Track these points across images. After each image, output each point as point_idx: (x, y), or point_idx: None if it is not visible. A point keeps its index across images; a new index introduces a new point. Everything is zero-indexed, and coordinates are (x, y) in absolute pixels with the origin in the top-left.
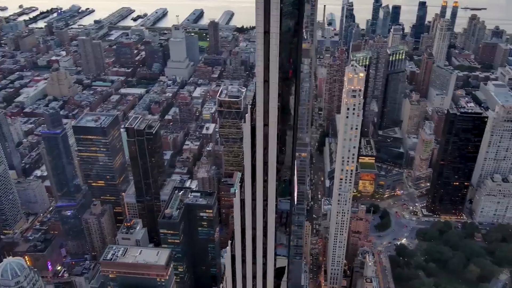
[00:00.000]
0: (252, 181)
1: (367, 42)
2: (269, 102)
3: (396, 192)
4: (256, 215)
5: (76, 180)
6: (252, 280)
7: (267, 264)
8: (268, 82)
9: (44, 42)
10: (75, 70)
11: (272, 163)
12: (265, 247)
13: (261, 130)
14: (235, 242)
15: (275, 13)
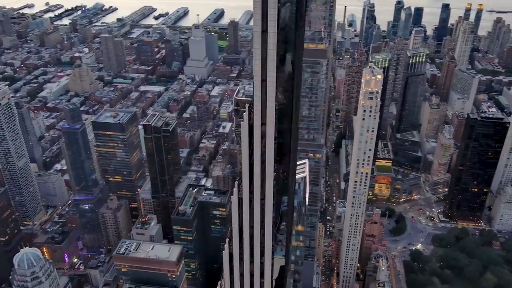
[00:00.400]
0: (250, 180)
1: (387, 44)
2: (267, 102)
3: (412, 196)
4: (254, 213)
5: (94, 174)
6: (250, 279)
7: (264, 263)
8: (265, 81)
9: (68, 39)
10: (97, 66)
11: (269, 162)
12: (262, 246)
13: (258, 129)
14: (233, 240)
15: (273, 12)
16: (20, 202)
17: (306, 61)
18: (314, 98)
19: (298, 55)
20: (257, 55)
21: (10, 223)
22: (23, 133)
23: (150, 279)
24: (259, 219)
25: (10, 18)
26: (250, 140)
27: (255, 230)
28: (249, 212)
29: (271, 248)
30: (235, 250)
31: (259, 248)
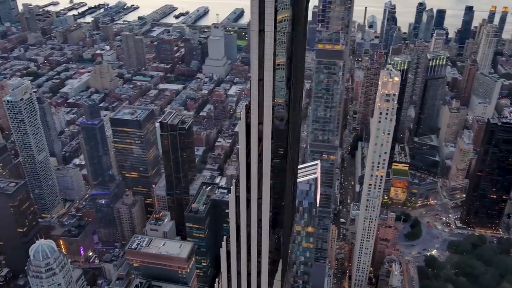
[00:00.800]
0: (247, 179)
1: (407, 46)
2: (264, 101)
3: (429, 201)
4: (251, 212)
5: (111, 170)
6: (247, 277)
7: (261, 262)
8: (262, 80)
9: (90, 36)
10: (117, 64)
11: (266, 162)
12: (259, 245)
13: (255, 128)
14: (230, 238)
15: (270, 11)
16: (39, 195)
17: (322, 62)
18: (329, 99)
19: (299, 55)
20: (254, 54)
21: (28, 215)
22: (44, 128)
23: (161, 275)
24: (256, 218)
25: (35, 15)
26: (247, 139)
27: (252, 229)
28: (246, 210)
29: (268, 247)
30: (233, 249)
31: (256, 247)
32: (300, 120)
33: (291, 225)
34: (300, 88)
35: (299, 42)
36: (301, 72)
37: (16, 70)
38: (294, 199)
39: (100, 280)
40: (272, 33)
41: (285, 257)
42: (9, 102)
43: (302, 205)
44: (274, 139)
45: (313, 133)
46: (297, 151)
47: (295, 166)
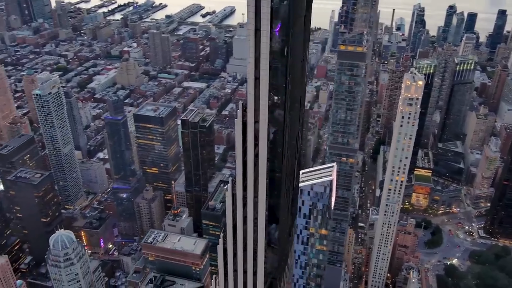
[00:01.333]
0: (243, 178)
1: (435, 50)
2: (260, 100)
3: (451, 209)
4: (247, 211)
5: (132, 165)
6: (243, 276)
7: (257, 261)
8: (259, 79)
9: (119, 34)
10: (144, 61)
11: (262, 161)
12: (255, 244)
13: (252, 127)
14: (227, 236)
15: (266, 11)
16: (63, 187)
17: (344, 63)
18: (350, 102)
19: (296, 54)
20: (250, 53)
21: (52, 206)
22: (70, 122)
23: (175, 270)
24: (252, 216)
25: (67, 12)
26: (243, 138)
27: (249, 227)
28: (243, 209)
29: (264, 246)
30: (229, 246)
31: (252, 245)
32: (302, 121)
33: (290, 226)
34: (300, 88)
35: (298, 42)
36: (301, 72)
37: (47, 65)
38: (294, 200)
39: (118, 273)
40: (268, 33)
41: (282, 257)
42: (37, 96)
43: (316, 207)
44: (270, 139)
45: (333, 135)
46: (296, 151)
47: (296, 167)
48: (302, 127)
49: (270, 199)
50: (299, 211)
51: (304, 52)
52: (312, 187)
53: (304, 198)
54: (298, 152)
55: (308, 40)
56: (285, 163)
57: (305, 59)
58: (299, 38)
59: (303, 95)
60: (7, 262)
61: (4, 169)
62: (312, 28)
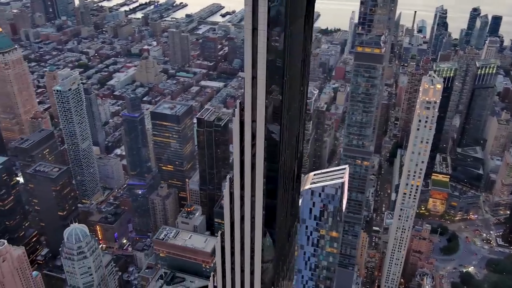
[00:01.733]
0: (240, 176)
1: (457, 53)
2: (257, 99)
3: (469, 216)
4: (244, 209)
5: (148, 162)
6: (241, 274)
7: (254, 260)
8: (256, 78)
9: (139, 32)
10: (163, 60)
11: (259, 160)
12: (252, 243)
13: (249, 126)
14: (225, 234)
15: (263, 10)
16: (81, 182)
17: (361, 65)
18: (366, 104)
19: (295, 54)
20: (247, 52)
21: (69, 200)
22: (89, 118)
23: (185, 267)
24: (249, 215)
25: (89, 10)
26: (241, 137)
27: (246, 226)
28: (240, 208)
29: (261, 245)
30: (227, 245)
31: (249, 244)
32: (303, 121)
33: (289, 227)
34: (300, 89)
35: (296, 42)
36: (301, 72)
37: (68, 61)
38: (294, 201)
39: (131, 268)
40: (265, 32)
41: (281, 257)
42: (58, 92)
43: (327, 209)
44: (267, 138)
45: (348, 137)
46: (297, 152)
47: (296, 167)
48: (303, 127)
49: (267, 199)
50: (310, 213)
51: (304, 52)
52: (323, 188)
53: (315, 200)
54: (299, 152)
55: (310, 40)
56: (283, 163)
57: (306, 59)
58: (298, 38)
59: (304, 95)
60: (23, 253)
61: (24, 163)
62: (332, 29)
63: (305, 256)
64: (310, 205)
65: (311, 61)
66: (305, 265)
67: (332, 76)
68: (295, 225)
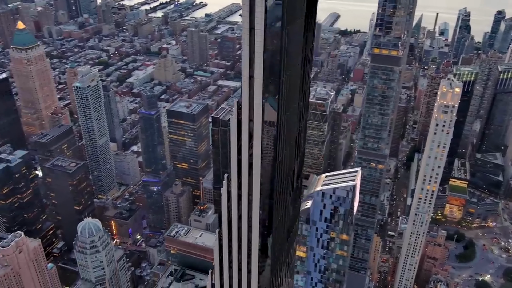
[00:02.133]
0: (238, 175)
1: (479, 57)
2: (254, 98)
3: (487, 223)
4: (242, 209)
5: (164, 159)
6: (238, 273)
7: (251, 258)
8: (253, 78)
9: (159, 31)
10: (181, 58)
11: (256, 160)
12: (250, 242)
13: (246, 126)
14: (222, 232)
15: (260, 10)
16: (97, 177)
17: (378, 67)
18: (382, 106)
19: (293, 54)
20: (245, 51)
21: (85, 194)
22: (108, 115)
23: (195, 265)
24: (246, 214)
25: (111, 8)
26: (238, 136)
27: (243, 225)
28: (237, 207)
29: (258, 245)
30: (224, 243)
31: (247, 243)
32: (304, 122)
33: (288, 226)
34: (300, 89)
35: (296, 42)
36: (301, 73)
37: (89, 58)
38: (295, 201)
39: (144, 263)
40: (262, 32)
41: (279, 257)
42: (77, 88)
43: (337, 212)
44: (264, 138)
45: (363, 140)
46: (297, 152)
47: (296, 168)
48: (304, 128)
49: (264, 198)
50: (320, 214)
51: (305, 52)
52: (334, 191)
53: (326, 202)
54: (300, 152)
55: (311, 41)
56: (280, 163)
57: (307, 59)
58: (297, 38)
59: (305, 96)
60: (39, 245)
61: (43, 157)
62: (351, 30)
63: (315, 258)
64: (320, 207)
65: (329, 62)
66: (315, 267)
67: (350, 77)
68: (295, 225)
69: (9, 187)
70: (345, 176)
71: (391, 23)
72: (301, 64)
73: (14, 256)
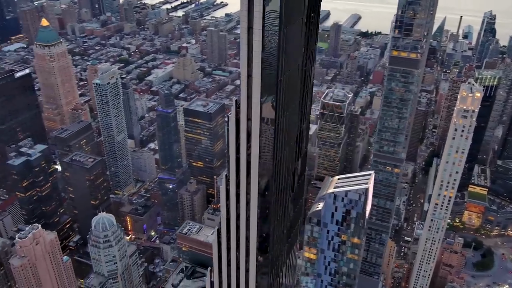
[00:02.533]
0: (236, 174)
1: (504, 61)
2: (252, 98)
3: (507, 231)
4: (240, 207)
5: (179, 157)
6: (236, 271)
7: (249, 256)
8: (251, 77)
9: (179, 30)
10: (200, 58)
11: (254, 158)
12: (248, 240)
13: (244, 125)
14: (221, 230)
15: (258, 10)
16: (114, 173)
17: (396, 70)
18: (400, 109)
19: (293, 55)
20: (243, 51)
21: (102, 190)
22: (126, 112)
23: (206, 262)
24: (244, 214)
25: (133, 7)
26: (237, 134)
27: (241, 223)
28: (236, 205)
29: (256, 243)
30: (223, 241)
31: (245, 242)
32: (305, 123)
33: (288, 226)
34: (300, 89)
35: (295, 41)
36: (301, 73)
37: (110, 56)
38: (296, 201)
39: (157, 260)
40: (260, 31)
41: (278, 256)
42: (97, 85)
43: (349, 215)
44: (262, 137)
45: (379, 143)
46: (298, 153)
47: (296, 169)
48: (306, 129)
49: (262, 197)
50: (332, 217)
51: (306, 52)
52: (346, 193)
53: (337, 204)
54: (301, 153)
55: (314, 41)
56: (278, 162)
57: (308, 59)
58: (296, 37)
59: (307, 96)
60: (56, 238)
61: (62, 152)
62: (372, 32)
63: (325, 261)
64: (332, 209)
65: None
66: (325, 270)
67: (370, 80)
68: (296, 225)
69: (29, 180)
70: (358, 179)
71: (411, 25)
72: (302, 64)
73: (31, 247)
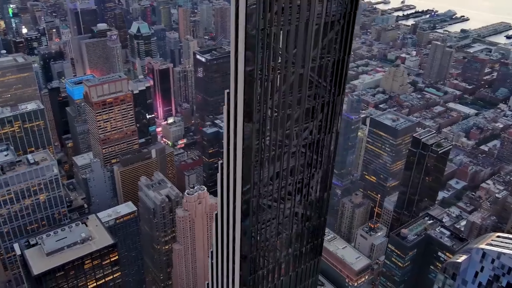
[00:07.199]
0: (227, 168)
1: None
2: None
3: None
4: (229, 203)
5: (352, 166)
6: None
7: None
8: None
9: (403, 39)
10: (416, 71)
11: (239, 153)
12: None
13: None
14: (218, 226)
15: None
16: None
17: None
18: None
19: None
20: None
21: None
22: None
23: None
24: (232, 207)
25: (362, 10)
26: (227, 134)
27: (230, 218)
28: (234, 200)
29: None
30: (219, 236)
31: (232, 240)
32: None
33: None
34: (303, 90)
35: (297, 41)
36: (302, 73)
37: None
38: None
39: None
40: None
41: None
42: None
43: (497, 281)
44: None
45: None
46: (298, 153)
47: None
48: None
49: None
50: (475, 276)
51: (316, 51)
52: (499, 255)
53: (485, 264)
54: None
55: (318, 46)
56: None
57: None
58: (297, 38)
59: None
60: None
61: None
62: None
63: None
64: (477, 267)
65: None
66: None
67: None
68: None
69: (214, 149)
70: None
71: None
72: (302, 64)
73: (194, 204)
